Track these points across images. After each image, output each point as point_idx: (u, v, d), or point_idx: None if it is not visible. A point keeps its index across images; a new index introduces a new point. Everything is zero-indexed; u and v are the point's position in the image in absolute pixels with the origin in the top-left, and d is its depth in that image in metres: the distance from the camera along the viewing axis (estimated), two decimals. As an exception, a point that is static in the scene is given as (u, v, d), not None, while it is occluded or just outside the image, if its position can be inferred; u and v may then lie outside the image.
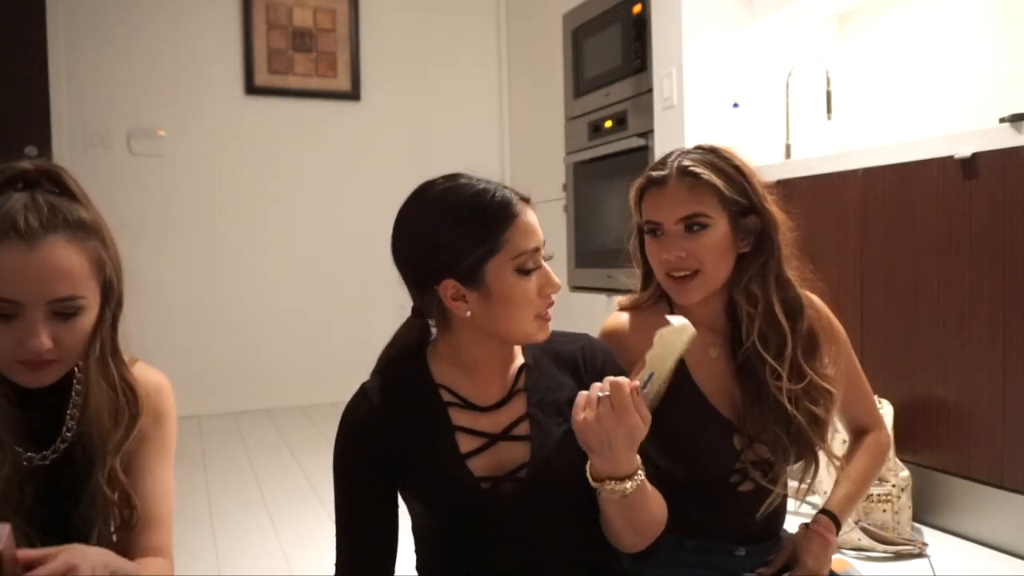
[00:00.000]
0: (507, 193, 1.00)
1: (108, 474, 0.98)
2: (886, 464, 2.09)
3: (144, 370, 1.08)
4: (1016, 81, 2.46)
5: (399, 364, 1.09)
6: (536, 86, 4.23)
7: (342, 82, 4.26)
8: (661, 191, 1.15)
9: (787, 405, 1.12)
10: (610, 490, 0.91)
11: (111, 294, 0.99)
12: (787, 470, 1.17)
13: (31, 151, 3.62)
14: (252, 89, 4.08)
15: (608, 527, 0.99)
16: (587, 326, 1.25)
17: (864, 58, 3.05)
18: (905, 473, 2.09)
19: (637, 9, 3.22)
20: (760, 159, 2.95)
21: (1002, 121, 1.91)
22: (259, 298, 4.10)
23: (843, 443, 1.45)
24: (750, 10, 3.02)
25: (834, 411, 1.19)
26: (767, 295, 1.16)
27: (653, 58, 3.13)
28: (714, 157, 1.15)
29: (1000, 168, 1.92)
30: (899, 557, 1.97)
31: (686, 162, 1.14)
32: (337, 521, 1.05)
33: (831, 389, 1.16)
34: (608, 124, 3.46)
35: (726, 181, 1.13)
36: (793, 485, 1.21)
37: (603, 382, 0.89)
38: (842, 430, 1.41)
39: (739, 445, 1.16)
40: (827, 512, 1.20)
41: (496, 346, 1.03)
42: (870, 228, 2.25)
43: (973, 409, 2.01)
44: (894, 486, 2.07)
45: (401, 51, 4.41)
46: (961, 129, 2.14)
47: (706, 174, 1.13)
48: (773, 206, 1.17)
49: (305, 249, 4.21)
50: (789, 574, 1.16)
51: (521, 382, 1.06)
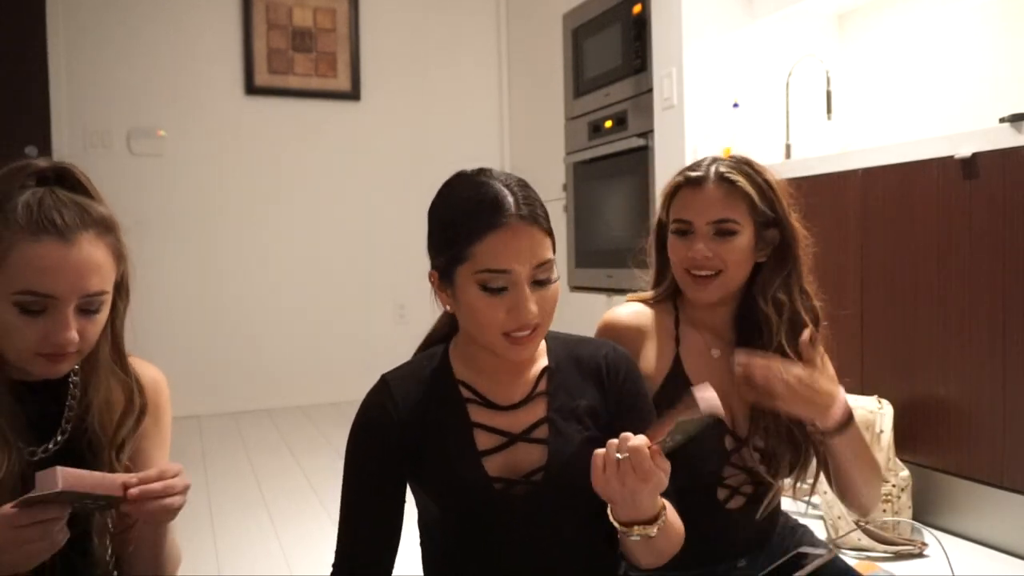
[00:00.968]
0: (503, 204, 0.94)
1: (111, 468, 0.99)
2: (887, 464, 2.10)
3: (140, 365, 1.09)
4: (1016, 81, 2.46)
5: (424, 356, 1.10)
6: (536, 86, 4.24)
7: (342, 82, 4.26)
8: (696, 192, 1.20)
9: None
10: (636, 535, 0.91)
11: (123, 288, 1.02)
12: (785, 469, 1.18)
13: (31, 151, 3.62)
14: (252, 89, 4.08)
15: (629, 554, 1.00)
16: (586, 326, 1.26)
17: (864, 58, 3.05)
18: (905, 473, 2.09)
19: (637, 9, 3.22)
20: (760, 159, 2.94)
21: (1002, 121, 1.91)
22: (259, 298, 4.10)
23: None
24: (750, 10, 3.02)
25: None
26: (793, 304, 1.21)
27: (653, 58, 3.13)
28: (749, 168, 1.22)
29: (1000, 168, 1.92)
30: (899, 557, 1.97)
31: (723, 168, 1.20)
32: (341, 512, 1.04)
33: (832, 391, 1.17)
34: (608, 124, 3.47)
35: (758, 192, 1.20)
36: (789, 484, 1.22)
37: (620, 441, 0.87)
38: None
39: (729, 446, 1.18)
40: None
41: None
42: (870, 228, 2.25)
43: (973, 409, 2.01)
44: (894, 486, 2.07)
45: (401, 51, 4.41)
46: (961, 129, 2.14)
47: (742, 182, 1.20)
48: (797, 222, 1.24)
49: (305, 249, 4.21)
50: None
51: (543, 385, 1.05)
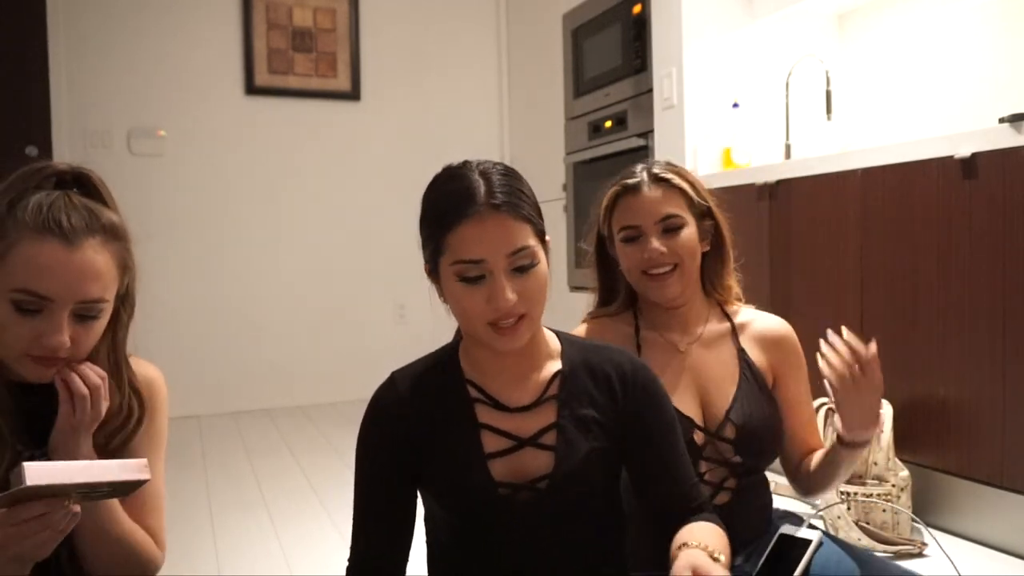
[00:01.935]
0: (474, 194, 0.95)
1: None
2: (887, 464, 2.10)
3: (139, 364, 1.09)
4: (1016, 81, 2.46)
5: (435, 354, 1.09)
6: (536, 86, 4.24)
7: (342, 82, 4.26)
8: (636, 197, 1.24)
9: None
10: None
11: (127, 298, 1.01)
12: (765, 455, 1.23)
13: (32, 151, 3.62)
14: (252, 89, 4.08)
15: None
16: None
17: (864, 58, 3.05)
18: (905, 473, 2.09)
19: (637, 9, 3.22)
20: (760, 159, 2.95)
21: (1002, 121, 1.91)
22: (259, 298, 4.10)
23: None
24: (750, 10, 3.02)
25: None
26: (736, 287, 1.32)
27: (653, 58, 3.13)
28: (675, 167, 1.28)
29: (1000, 168, 1.92)
30: (899, 557, 1.97)
31: (656, 170, 1.26)
32: (355, 508, 1.03)
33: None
34: (608, 124, 3.47)
35: (691, 187, 1.27)
36: (781, 481, 1.23)
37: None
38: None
39: (700, 441, 1.20)
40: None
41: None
42: (870, 228, 2.25)
43: (973, 409, 2.01)
44: (894, 486, 2.07)
45: (401, 51, 4.41)
46: (961, 129, 2.14)
47: (676, 179, 1.26)
48: (720, 212, 1.31)
49: (305, 249, 4.21)
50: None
51: (554, 389, 1.02)
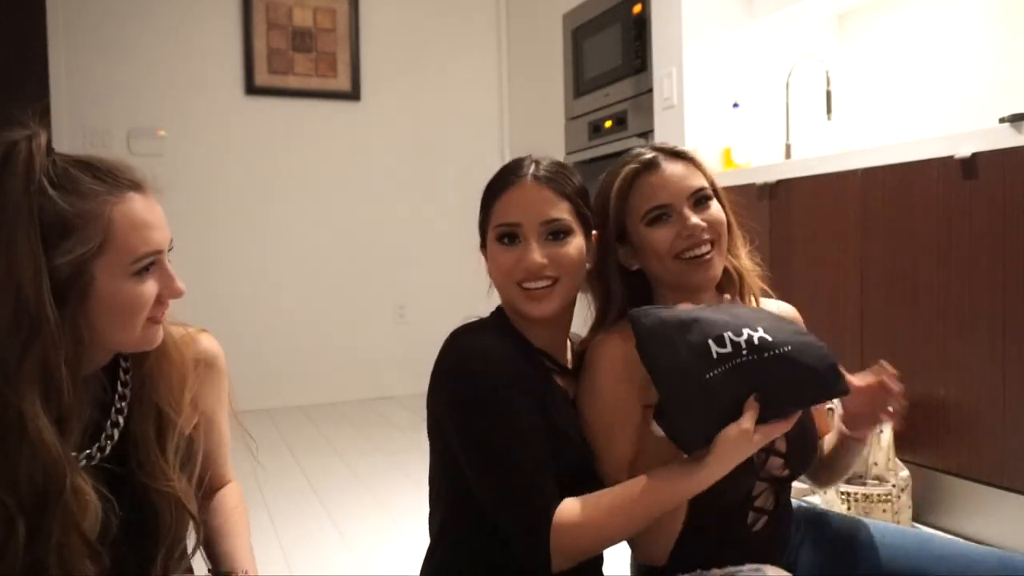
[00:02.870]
0: (520, 167, 1.07)
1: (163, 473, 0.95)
2: (887, 464, 2.10)
3: (195, 339, 1.07)
4: (1016, 81, 2.46)
5: (484, 320, 1.12)
6: (536, 86, 4.23)
7: (342, 82, 4.26)
8: (658, 173, 1.11)
9: None
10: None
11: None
12: (806, 470, 1.17)
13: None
14: (252, 89, 4.08)
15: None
16: (585, 325, 1.25)
17: (864, 58, 3.05)
18: (905, 473, 2.09)
19: (637, 9, 3.22)
20: (760, 159, 2.95)
21: (1002, 121, 1.91)
22: (259, 298, 4.10)
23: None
24: (750, 10, 3.02)
25: None
26: (754, 268, 1.21)
27: (653, 58, 3.13)
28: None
29: (1000, 168, 1.92)
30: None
31: (669, 146, 1.16)
32: (517, 465, 0.96)
33: None
34: (608, 124, 3.47)
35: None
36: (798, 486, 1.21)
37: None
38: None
39: (756, 458, 1.04)
40: None
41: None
42: (870, 228, 2.25)
43: (973, 409, 2.01)
44: (894, 486, 2.07)
45: (401, 51, 4.41)
46: (961, 129, 2.14)
47: (690, 152, 1.15)
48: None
49: (305, 249, 4.21)
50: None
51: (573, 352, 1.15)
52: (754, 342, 0.95)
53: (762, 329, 0.97)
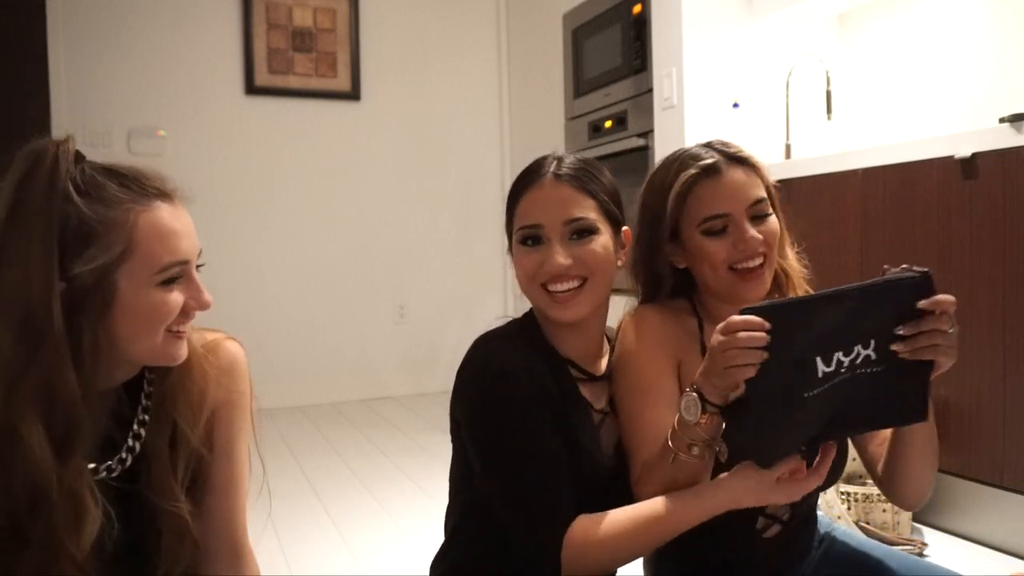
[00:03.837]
0: (541, 167, 1.05)
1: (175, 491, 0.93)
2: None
3: (216, 347, 1.04)
4: (1016, 81, 2.46)
5: (512, 324, 1.08)
6: (536, 86, 4.23)
7: (342, 82, 4.26)
8: (719, 181, 1.07)
9: None
10: None
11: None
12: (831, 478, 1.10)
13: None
14: (252, 89, 4.08)
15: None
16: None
17: (864, 58, 3.05)
18: (905, 473, 2.09)
19: (637, 9, 3.22)
20: (760, 159, 2.95)
21: (1002, 121, 1.91)
22: (259, 298, 4.10)
23: None
24: (750, 10, 3.02)
25: None
26: (798, 267, 1.19)
27: (653, 58, 3.13)
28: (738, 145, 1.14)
29: (1000, 168, 1.92)
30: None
31: (732, 149, 1.11)
32: (537, 483, 0.94)
33: None
34: (608, 124, 3.46)
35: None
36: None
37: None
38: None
39: None
40: None
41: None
42: (870, 228, 2.25)
43: (973, 409, 2.00)
44: (894, 486, 2.07)
45: (401, 51, 4.41)
46: (961, 129, 2.14)
47: (753, 158, 1.12)
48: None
49: (305, 249, 4.21)
50: None
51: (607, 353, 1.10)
52: (857, 361, 0.88)
53: (874, 344, 0.88)
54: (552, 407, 0.97)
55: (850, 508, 2.06)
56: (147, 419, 0.94)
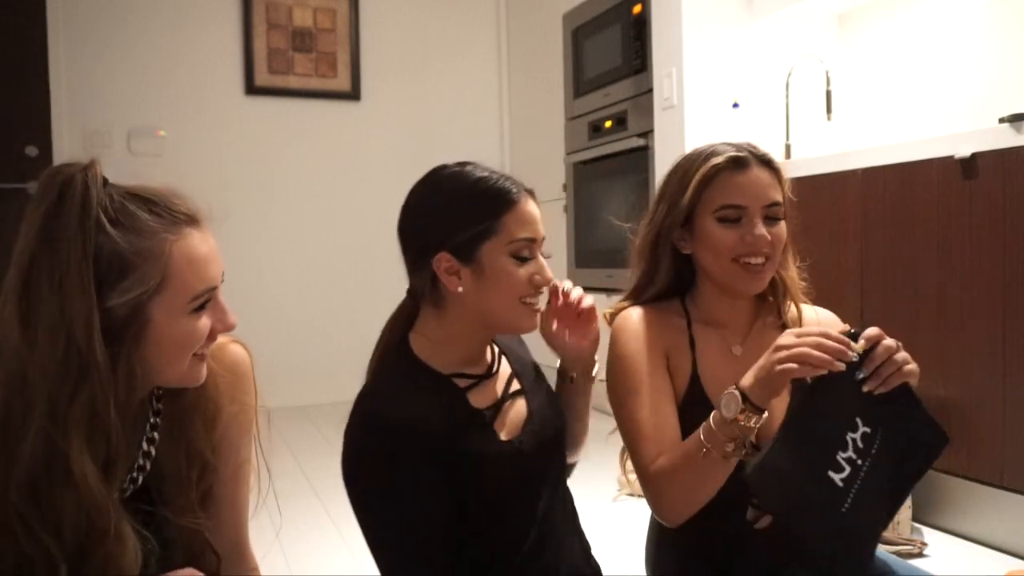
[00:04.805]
0: (509, 183, 1.04)
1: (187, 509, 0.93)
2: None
3: (221, 351, 1.04)
4: (1016, 81, 2.46)
5: (391, 367, 1.09)
6: (536, 86, 4.23)
7: (342, 82, 4.26)
8: (744, 175, 1.11)
9: None
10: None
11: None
12: None
13: (31, 151, 3.62)
14: (252, 89, 4.08)
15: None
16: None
17: (864, 58, 3.05)
18: (905, 473, 2.09)
19: (637, 9, 3.22)
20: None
21: (1002, 121, 1.91)
22: (259, 298, 4.09)
23: None
24: (750, 10, 3.02)
25: None
26: (796, 279, 1.23)
27: (653, 58, 3.13)
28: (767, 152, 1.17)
29: (1000, 168, 1.92)
30: (899, 557, 1.97)
31: (761, 151, 1.14)
32: (395, 550, 1.00)
33: None
34: (608, 124, 3.46)
35: (782, 175, 1.16)
36: None
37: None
38: None
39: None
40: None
41: (482, 328, 1.06)
42: (870, 228, 2.25)
43: (973, 409, 2.01)
44: (894, 486, 2.07)
45: (401, 51, 4.41)
46: (961, 129, 2.14)
47: (777, 164, 1.15)
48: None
49: (305, 249, 4.21)
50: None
51: (494, 348, 1.13)
52: (859, 445, 0.94)
53: (859, 420, 0.94)
54: (440, 452, 0.97)
55: (850, 508, 2.06)
56: (156, 436, 0.94)
